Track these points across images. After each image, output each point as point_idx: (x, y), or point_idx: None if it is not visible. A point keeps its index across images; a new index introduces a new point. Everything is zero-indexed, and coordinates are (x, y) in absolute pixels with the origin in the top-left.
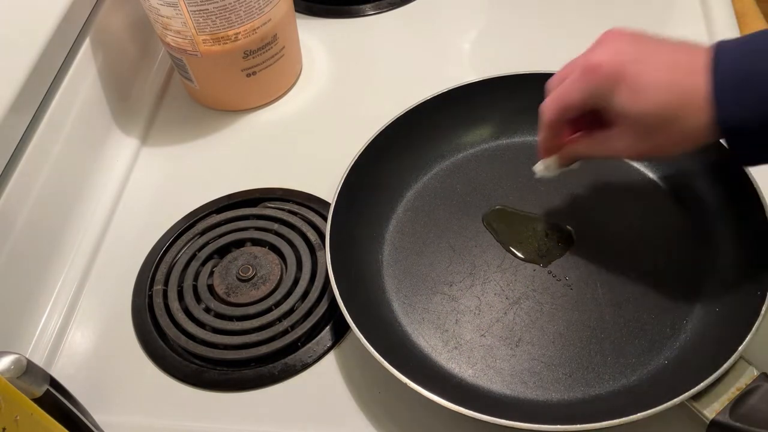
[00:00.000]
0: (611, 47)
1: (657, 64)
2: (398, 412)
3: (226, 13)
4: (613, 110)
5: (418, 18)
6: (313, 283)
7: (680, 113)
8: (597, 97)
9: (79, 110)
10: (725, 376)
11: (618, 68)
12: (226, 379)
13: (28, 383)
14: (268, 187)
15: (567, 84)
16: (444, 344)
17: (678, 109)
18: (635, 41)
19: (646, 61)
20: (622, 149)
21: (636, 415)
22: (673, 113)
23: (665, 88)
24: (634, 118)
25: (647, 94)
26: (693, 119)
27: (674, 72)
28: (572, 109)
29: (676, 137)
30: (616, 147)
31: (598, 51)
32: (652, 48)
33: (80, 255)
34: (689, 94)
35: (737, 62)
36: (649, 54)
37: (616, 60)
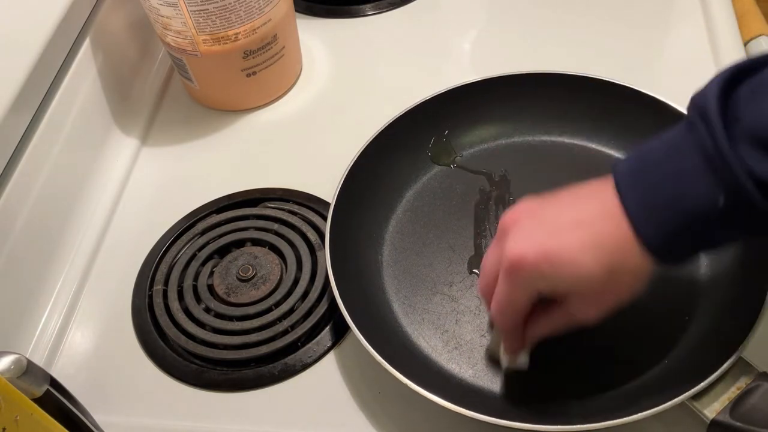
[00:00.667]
0: (521, 234)
1: (571, 227)
2: (398, 413)
3: (226, 13)
4: (557, 291)
5: (418, 18)
6: (313, 283)
7: (618, 264)
8: (532, 291)
9: (79, 110)
10: (725, 376)
11: (540, 252)
12: (226, 379)
13: (28, 383)
14: (268, 187)
15: (503, 290)
16: (444, 344)
17: (614, 262)
18: (537, 215)
19: (560, 230)
20: (584, 315)
21: (636, 415)
22: (612, 267)
23: (593, 247)
24: (578, 289)
25: (582, 261)
26: (631, 259)
27: (586, 227)
28: (522, 310)
29: (627, 284)
30: (578, 318)
31: (511, 244)
32: (556, 212)
33: (80, 255)
34: (614, 239)
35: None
36: (558, 220)
37: (532, 245)
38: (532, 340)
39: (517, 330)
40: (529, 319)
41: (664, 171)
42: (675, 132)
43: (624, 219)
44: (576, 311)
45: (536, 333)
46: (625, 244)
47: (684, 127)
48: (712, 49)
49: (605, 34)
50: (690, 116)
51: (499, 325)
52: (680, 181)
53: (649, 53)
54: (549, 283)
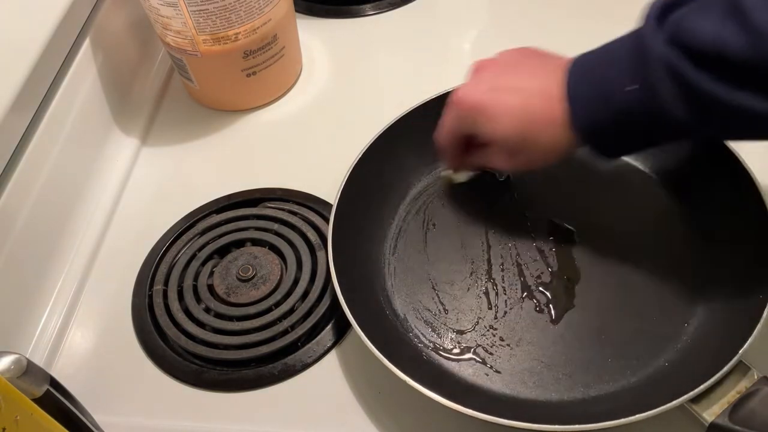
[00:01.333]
0: (474, 80)
1: (510, 91)
2: (398, 412)
3: (226, 13)
4: (480, 136)
5: (418, 18)
6: (313, 283)
7: (532, 135)
8: (464, 127)
9: (79, 110)
10: (725, 379)
11: (476, 100)
12: (226, 379)
13: (28, 383)
14: (268, 187)
15: (444, 116)
16: (444, 343)
17: (529, 131)
18: (497, 71)
19: (501, 90)
20: (499, 164)
21: (635, 416)
22: (526, 135)
23: (517, 114)
24: (496, 141)
25: (502, 121)
26: (547, 134)
27: (525, 96)
28: (450, 138)
29: (539, 153)
30: (494, 162)
31: (463, 86)
32: (510, 75)
33: (80, 255)
34: (540, 116)
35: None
36: (506, 81)
37: (476, 92)
38: (466, 165)
39: (452, 151)
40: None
41: (600, 61)
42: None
43: (559, 99)
44: (492, 157)
45: (470, 160)
46: (547, 121)
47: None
48: None
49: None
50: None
51: (437, 143)
52: (608, 69)
53: None
54: (472, 127)
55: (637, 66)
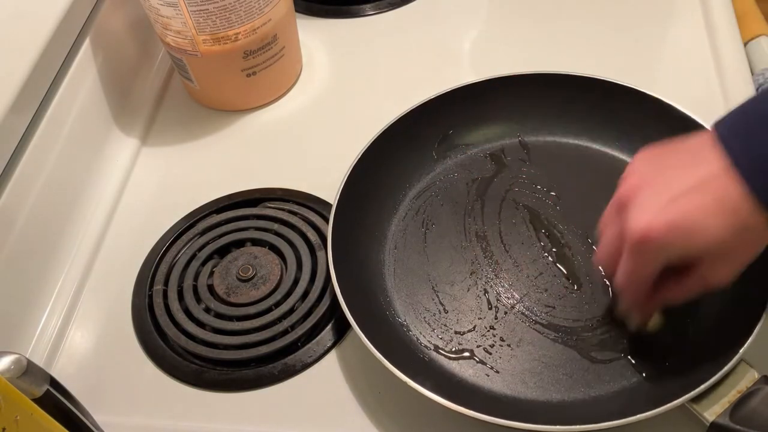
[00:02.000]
0: (643, 206)
1: (690, 194)
2: (398, 412)
3: (226, 13)
4: (688, 258)
5: (418, 18)
6: (313, 283)
7: (740, 219)
8: (667, 259)
9: (79, 110)
10: (726, 379)
11: (666, 223)
12: (226, 379)
13: (28, 383)
14: (268, 187)
15: (631, 264)
16: (445, 343)
17: (736, 217)
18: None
19: (681, 199)
20: (719, 279)
21: (636, 416)
22: (735, 224)
23: (714, 210)
24: (711, 252)
25: (707, 227)
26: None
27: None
28: (650, 282)
29: (753, 239)
30: (712, 281)
31: (634, 217)
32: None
33: (80, 255)
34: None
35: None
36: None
37: (658, 216)
38: (663, 304)
39: (645, 298)
40: (659, 284)
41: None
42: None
43: (736, 177)
44: (709, 275)
45: (668, 298)
46: (743, 203)
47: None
48: (712, 49)
49: (604, 35)
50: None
51: (627, 298)
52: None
53: (649, 53)
54: (679, 252)
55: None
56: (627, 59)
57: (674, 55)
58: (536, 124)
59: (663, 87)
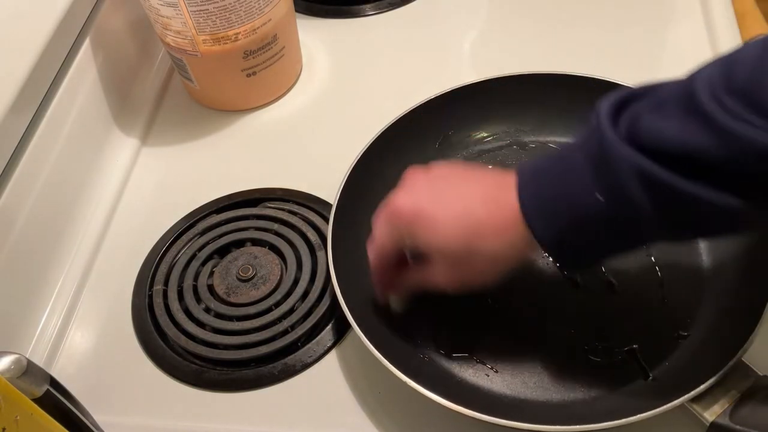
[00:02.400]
0: (410, 191)
1: (451, 198)
2: (398, 412)
3: (226, 13)
4: (420, 248)
5: (418, 18)
6: (313, 283)
7: (477, 241)
8: (402, 239)
9: (79, 110)
10: (726, 379)
11: (414, 207)
12: (226, 379)
13: (28, 383)
14: (268, 187)
15: (377, 230)
16: (445, 341)
17: (474, 237)
18: (431, 182)
19: (441, 197)
20: (441, 281)
21: (636, 416)
22: (470, 241)
23: (459, 220)
24: (437, 252)
25: (444, 227)
26: (494, 243)
27: (467, 203)
28: (385, 252)
29: (482, 263)
30: (435, 280)
31: (399, 195)
32: (449, 183)
33: (80, 255)
34: (485, 222)
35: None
36: (445, 189)
37: (413, 202)
38: (403, 289)
39: (384, 270)
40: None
41: (558, 170)
42: (575, 138)
43: (507, 206)
44: (434, 273)
45: (404, 283)
46: (493, 227)
47: (580, 136)
48: (713, 50)
49: (604, 35)
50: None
51: (370, 260)
52: (568, 178)
53: (649, 53)
54: (413, 238)
55: (600, 171)
56: (627, 59)
57: (674, 55)
58: (536, 123)
59: None
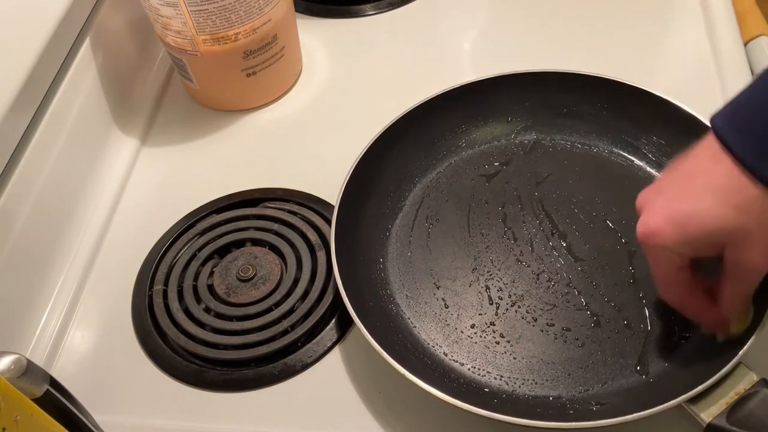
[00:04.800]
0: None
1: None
2: (398, 410)
3: (226, 13)
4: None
5: (418, 18)
6: (313, 283)
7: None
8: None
9: (79, 110)
10: (724, 381)
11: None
12: (226, 379)
13: (28, 383)
14: (268, 187)
15: (653, 268)
16: (445, 338)
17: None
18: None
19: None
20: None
21: (633, 415)
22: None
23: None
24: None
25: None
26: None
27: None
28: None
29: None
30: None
31: (639, 223)
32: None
33: (80, 255)
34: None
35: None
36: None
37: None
38: (733, 305)
39: (692, 302)
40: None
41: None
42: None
43: (732, 161)
44: (739, 259)
45: (726, 298)
46: (740, 182)
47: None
48: (712, 49)
49: (604, 34)
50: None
51: (670, 303)
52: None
53: (649, 53)
54: (685, 243)
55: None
56: (627, 58)
57: (674, 55)
58: (539, 121)
59: (662, 86)
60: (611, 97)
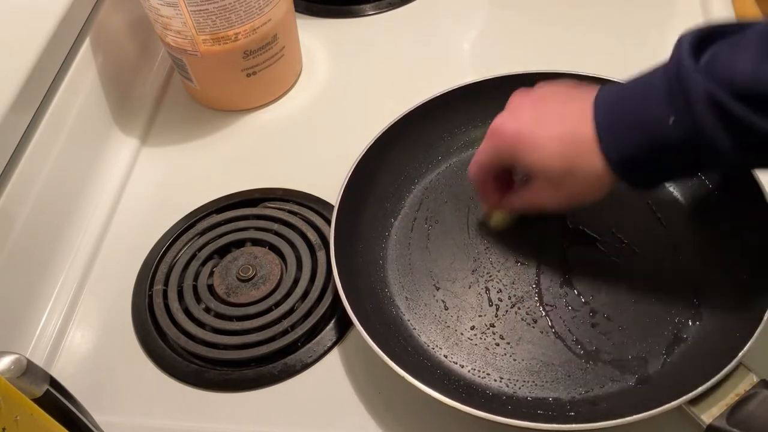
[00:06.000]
0: (512, 111)
1: (550, 121)
2: (398, 411)
3: (226, 13)
4: (522, 167)
5: (418, 18)
6: (313, 283)
7: (577, 161)
8: (503, 157)
9: (79, 110)
10: (724, 382)
11: (517, 129)
12: (226, 379)
13: (28, 383)
14: (268, 187)
15: (480, 148)
16: (444, 340)
17: (574, 158)
18: (534, 103)
19: (541, 120)
20: (542, 201)
21: (633, 416)
22: (570, 162)
23: (558, 141)
24: (539, 172)
25: (544, 149)
26: (589, 164)
27: (564, 125)
28: (486, 169)
29: (583, 183)
30: (535, 200)
31: (502, 115)
32: (547, 107)
33: (80, 255)
34: (580, 143)
35: (611, 107)
36: (544, 113)
37: (516, 122)
38: (503, 207)
39: (484, 185)
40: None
41: (637, 93)
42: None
43: (593, 129)
44: (535, 193)
45: (507, 202)
46: (588, 149)
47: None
48: None
49: (604, 34)
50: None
51: (471, 177)
52: (646, 100)
53: (649, 53)
54: (514, 157)
55: (676, 98)
56: (626, 58)
57: None
58: None
59: None
60: None
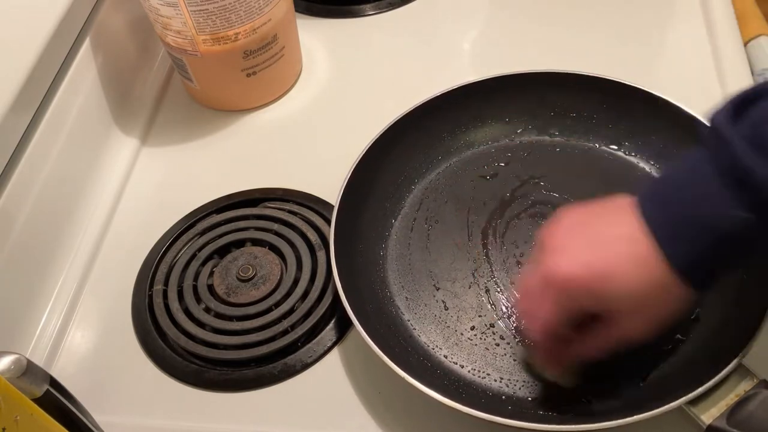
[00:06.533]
0: (565, 252)
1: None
2: (398, 411)
3: (226, 13)
4: (604, 307)
5: (418, 18)
6: (313, 283)
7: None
8: (580, 303)
9: (79, 110)
10: (724, 382)
11: (589, 270)
12: (226, 379)
13: (28, 383)
14: (268, 187)
15: (548, 309)
16: (444, 340)
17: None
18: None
19: (601, 248)
20: (635, 332)
21: (633, 417)
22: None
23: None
24: (625, 299)
25: (627, 278)
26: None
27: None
28: (557, 327)
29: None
30: (629, 334)
31: (557, 262)
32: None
33: (80, 255)
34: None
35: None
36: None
37: (574, 259)
38: (578, 358)
39: (555, 346)
40: (575, 339)
41: (683, 190)
42: (693, 153)
43: (652, 241)
44: (624, 327)
45: (582, 352)
46: (656, 260)
47: (701, 149)
48: (712, 49)
49: (604, 34)
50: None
51: (541, 343)
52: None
53: (649, 53)
54: (597, 299)
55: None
56: (627, 58)
57: (674, 56)
58: (539, 122)
59: (662, 87)
60: (611, 97)
